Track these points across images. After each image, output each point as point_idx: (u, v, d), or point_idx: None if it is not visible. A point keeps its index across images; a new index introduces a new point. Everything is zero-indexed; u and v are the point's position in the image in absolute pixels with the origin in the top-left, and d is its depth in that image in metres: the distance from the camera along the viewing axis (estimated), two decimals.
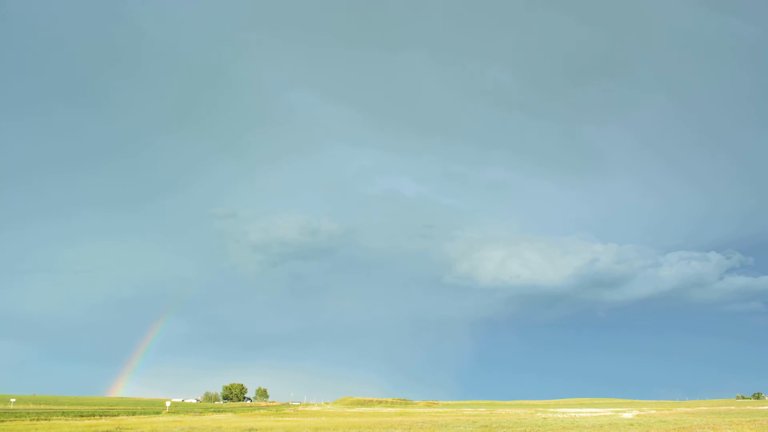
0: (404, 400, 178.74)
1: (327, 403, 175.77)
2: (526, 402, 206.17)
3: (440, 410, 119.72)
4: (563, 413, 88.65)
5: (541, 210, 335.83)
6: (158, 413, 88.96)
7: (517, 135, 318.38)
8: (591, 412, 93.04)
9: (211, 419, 70.28)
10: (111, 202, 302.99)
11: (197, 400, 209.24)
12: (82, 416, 72.78)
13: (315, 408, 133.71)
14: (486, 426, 53.06)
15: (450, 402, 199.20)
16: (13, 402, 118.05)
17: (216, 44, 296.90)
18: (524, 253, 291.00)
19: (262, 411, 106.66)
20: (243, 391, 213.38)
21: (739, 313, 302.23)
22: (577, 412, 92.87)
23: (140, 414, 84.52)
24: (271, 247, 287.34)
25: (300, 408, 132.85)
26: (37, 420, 63.05)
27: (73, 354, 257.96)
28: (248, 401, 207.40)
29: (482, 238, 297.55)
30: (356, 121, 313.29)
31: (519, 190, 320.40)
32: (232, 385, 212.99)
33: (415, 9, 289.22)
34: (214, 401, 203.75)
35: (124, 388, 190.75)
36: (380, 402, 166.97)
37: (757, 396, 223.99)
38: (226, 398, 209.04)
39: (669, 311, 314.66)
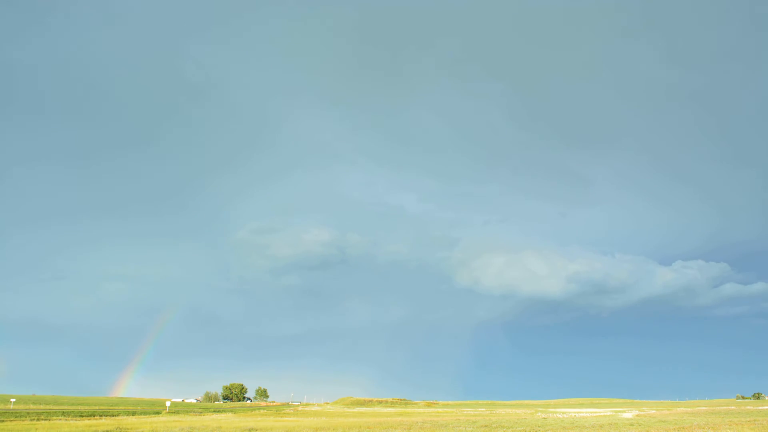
0: (404, 400, 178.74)
1: (327, 403, 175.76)
2: (526, 402, 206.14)
3: (440, 410, 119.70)
4: (563, 413, 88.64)
5: (539, 224, 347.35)
6: (158, 413, 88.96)
7: (510, 162, 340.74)
8: (591, 412, 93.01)
9: (211, 419, 70.28)
10: (133, 213, 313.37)
11: (197, 400, 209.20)
12: (82, 416, 72.80)
13: (315, 408, 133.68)
14: (486, 426, 53.06)
15: (450, 402, 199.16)
16: (13, 402, 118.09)
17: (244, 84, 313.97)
18: (524, 262, 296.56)
19: (262, 411, 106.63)
20: (243, 391, 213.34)
21: (738, 316, 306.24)
22: (577, 412, 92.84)
23: (140, 414, 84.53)
24: (283, 257, 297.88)
25: (300, 408, 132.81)
26: (37, 420, 63.06)
27: (97, 356, 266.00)
28: (248, 401, 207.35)
29: (482, 248, 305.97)
30: (368, 150, 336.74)
31: (516, 207, 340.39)
32: (232, 385, 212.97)
33: (422, 56, 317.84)
34: (214, 401, 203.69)
35: (126, 388, 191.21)
36: (380, 402, 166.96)
37: (757, 396, 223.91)
38: (226, 398, 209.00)
39: (668, 314, 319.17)
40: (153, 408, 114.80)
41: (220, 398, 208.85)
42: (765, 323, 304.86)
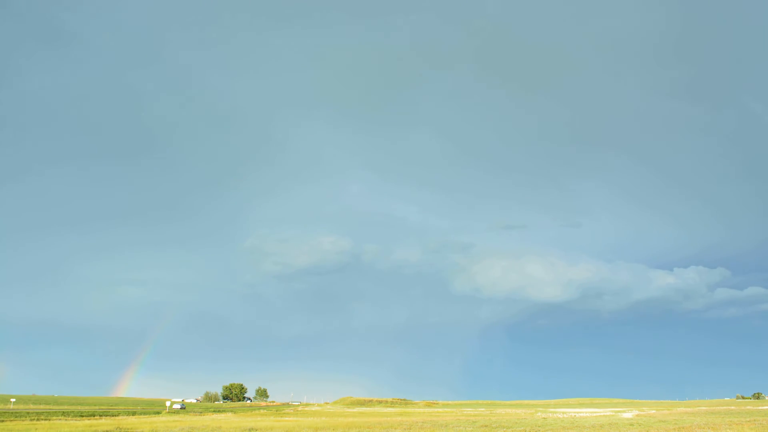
0: (404, 400, 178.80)
1: (327, 403, 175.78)
2: (526, 402, 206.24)
3: (440, 410, 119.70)
4: (563, 413, 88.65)
5: (539, 232, 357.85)
6: (158, 413, 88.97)
7: (510, 176, 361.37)
8: (591, 412, 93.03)
9: (211, 419, 70.29)
10: (146, 220, 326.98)
11: (197, 400, 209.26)
12: (82, 416, 72.82)
13: (315, 408, 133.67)
14: (486, 426, 53.09)
15: (450, 402, 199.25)
16: (13, 402, 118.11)
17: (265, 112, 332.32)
18: (525, 268, 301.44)
19: (262, 411, 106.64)
20: (243, 391, 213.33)
21: (737, 318, 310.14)
22: (577, 412, 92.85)
23: (140, 414, 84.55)
24: (288, 263, 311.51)
25: (300, 408, 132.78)
26: (37, 420, 63.08)
27: (110, 357, 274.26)
28: (248, 401, 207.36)
29: (483, 254, 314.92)
30: (373, 164, 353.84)
31: (515, 216, 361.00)
32: (232, 385, 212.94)
33: (426, 82, 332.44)
34: (214, 401, 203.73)
35: (128, 389, 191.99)
36: (380, 402, 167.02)
37: (757, 396, 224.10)
38: (226, 398, 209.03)
39: (668, 316, 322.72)
40: (153, 408, 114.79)
41: (220, 398, 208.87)
42: (764, 324, 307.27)
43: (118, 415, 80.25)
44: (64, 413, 79.43)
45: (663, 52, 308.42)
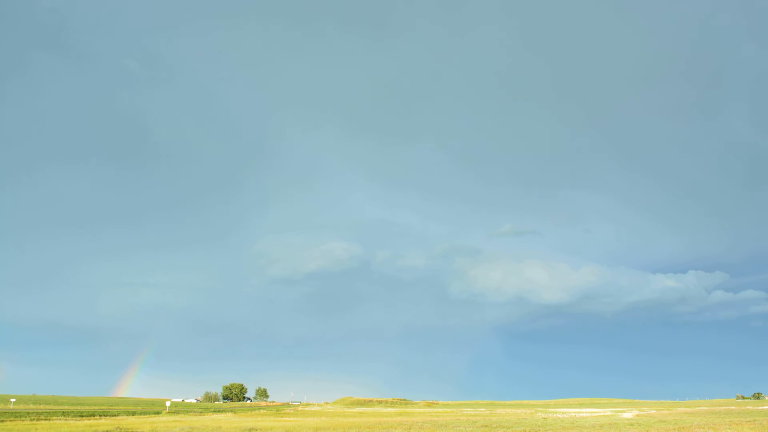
0: (404, 400, 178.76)
1: (327, 403, 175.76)
2: (526, 402, 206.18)
3: (440, 410, 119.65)
4: (563, 413, 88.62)
5: (539, 238, 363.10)
6: (158, 413, 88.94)
7: (512, 183, 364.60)
8: (591, 412, 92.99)
9: (211, 419, 70.28)
10: (155, 222, 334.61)
11: (197, 400, 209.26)
12: (82, 416, 72.81)
13: (315, 408, 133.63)
14: (486, 426, 53.09)
15: (450, 402, 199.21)
16: (13, 402, 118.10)
17: (268, 121, 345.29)
18: (526, 271, 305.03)
19: (262, 411, 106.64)
20: (243, 391, 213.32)
21: (737, 319, 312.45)
22: (577, 412, 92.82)
23: (140, 414, 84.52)
24: (293, 267, 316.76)
25: (300, 408, 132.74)
26: (37, 420, 63.09)
27: (116, 358, 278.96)
28: (248, 401, 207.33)
29: (485, 259, 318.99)
30: (377, 172, 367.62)
31: (514, 221, 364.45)
32: (232, 385, 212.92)
33: (428, 98, 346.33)
34: (214, 401, 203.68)
35: (129, 389, 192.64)
36: (380, 402, 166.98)
37: (757, 396, 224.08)
38: (226, 398, 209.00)
39: (669, 318, 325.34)
40: (153, 408, 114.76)
41: (220, 398, 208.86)
42: (764, 325, 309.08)
43: (118, 415, 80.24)
44: (64, 413, 79.42)
45: (666, 69, 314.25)
